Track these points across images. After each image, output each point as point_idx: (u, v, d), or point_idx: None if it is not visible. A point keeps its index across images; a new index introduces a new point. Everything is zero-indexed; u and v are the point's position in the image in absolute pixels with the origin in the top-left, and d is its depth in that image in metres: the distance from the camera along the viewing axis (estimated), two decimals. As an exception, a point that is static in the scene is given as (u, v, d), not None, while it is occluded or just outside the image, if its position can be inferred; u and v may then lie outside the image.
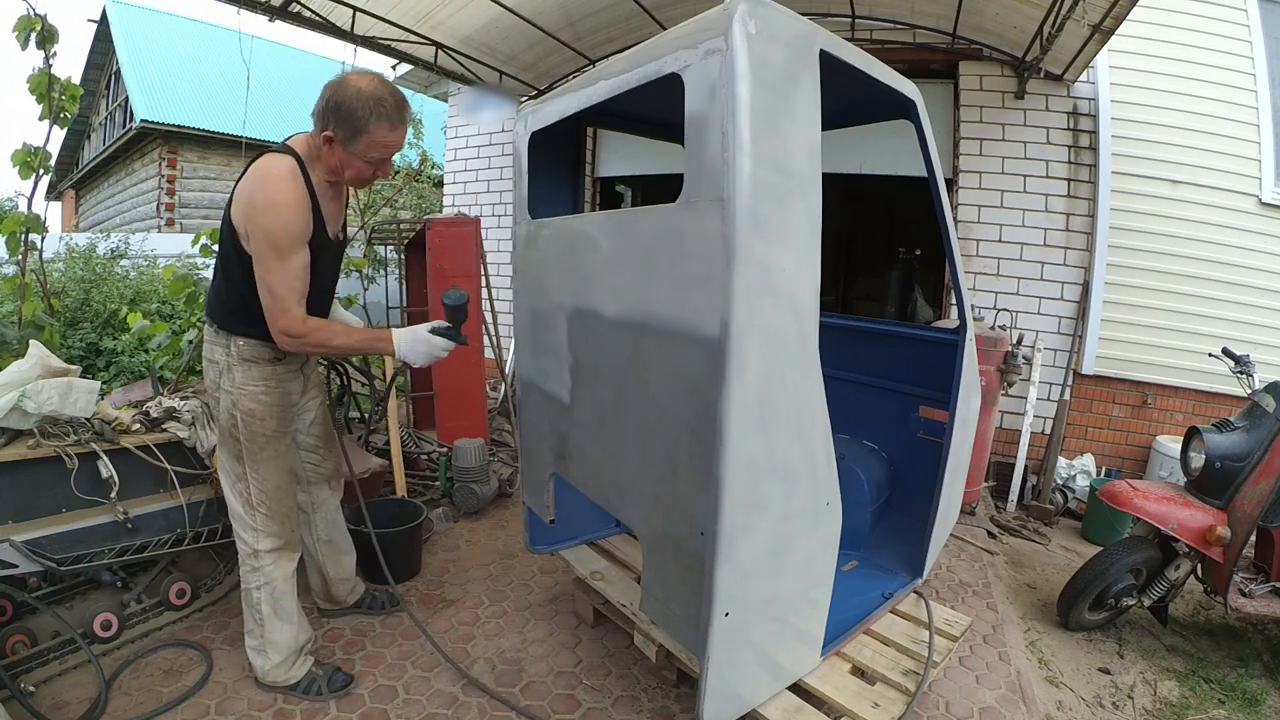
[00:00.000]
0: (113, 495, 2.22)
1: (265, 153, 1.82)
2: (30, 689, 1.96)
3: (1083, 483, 4.21)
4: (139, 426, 2.36)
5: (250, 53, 4.73)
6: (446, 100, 6.78)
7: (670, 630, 1.74)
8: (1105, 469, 4.42)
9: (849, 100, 2.21)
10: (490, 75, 5.47)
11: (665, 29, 1.95)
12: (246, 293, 1.81)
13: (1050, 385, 4.41)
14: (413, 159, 8.60)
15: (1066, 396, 4.39)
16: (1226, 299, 4.13)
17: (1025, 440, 4.30)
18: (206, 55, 13.37)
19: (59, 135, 10.79)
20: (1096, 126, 4.22)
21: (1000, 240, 4.43)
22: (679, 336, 1.52)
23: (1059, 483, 4.30)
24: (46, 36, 2.84)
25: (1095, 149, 4.23)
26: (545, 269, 2.12)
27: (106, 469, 2.21)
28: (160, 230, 11.10)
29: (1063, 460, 4.34)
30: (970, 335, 2.35)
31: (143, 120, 11.30)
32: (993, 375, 3.72)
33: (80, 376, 2.29)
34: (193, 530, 2.43)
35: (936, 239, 2.39)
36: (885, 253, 7.65)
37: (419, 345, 1.93)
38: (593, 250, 1.86)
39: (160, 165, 11.98)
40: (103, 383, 3.88)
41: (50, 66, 2.89)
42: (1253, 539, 2.59)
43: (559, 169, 2.67)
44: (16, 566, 1.99)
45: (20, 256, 2.96)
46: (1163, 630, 2.87)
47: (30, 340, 2.29)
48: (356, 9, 4.12)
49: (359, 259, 5.79)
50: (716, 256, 1.39)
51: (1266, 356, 3.76)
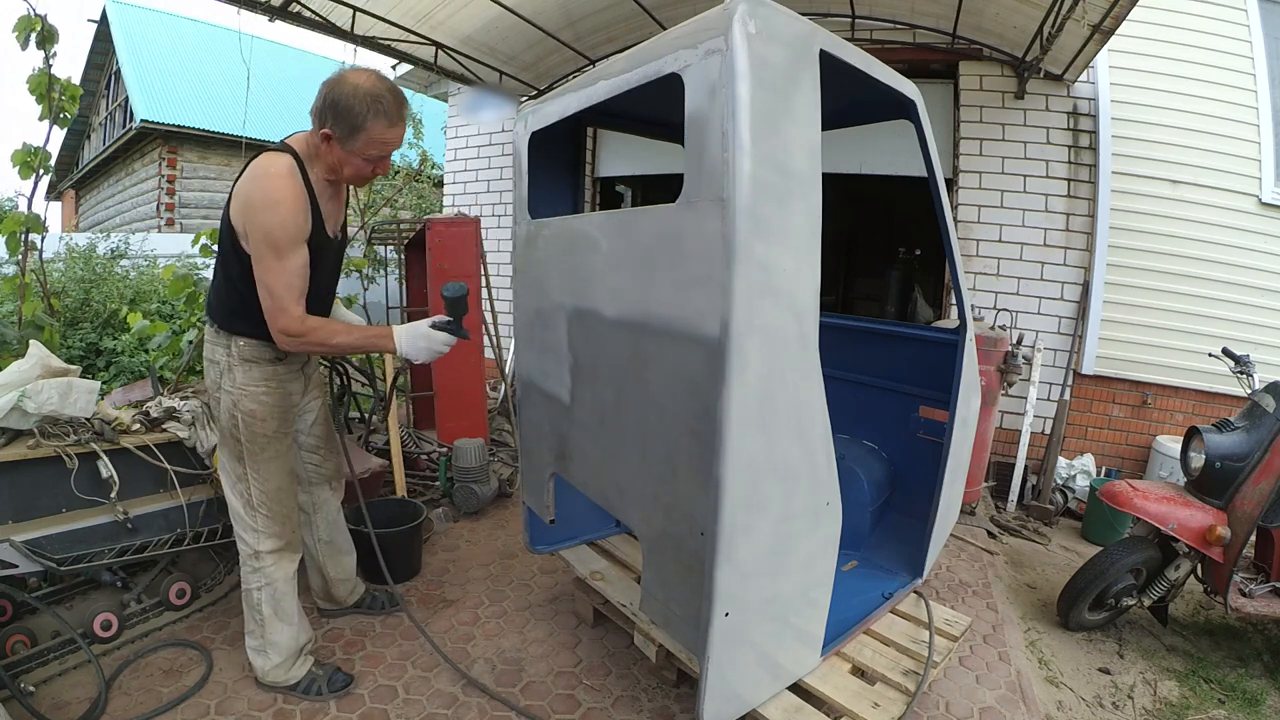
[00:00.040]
0: (113, 495, 2.22)
1: (263, 152, 1.80)
2: (30, 689, 1.96)
3: (1083, 483, 4.21)
4: (139, 426, 2.36)
5: (250, 53, 4.74)
6: (446, 100, 6.79)
7: (670, 630, 1.74)
8: (1105, 469, 4.42)
9: (849, 100, 2.21)
10: (490, 75, 5.47)
11: (665, 29, 1.95)
12: (246, 292, 1.81)
13: (1050, 385, 4.41)
14: (413, 159, 8.60)
15: (1066, 396, 4.40)
16: (1226, 299, 4.14)
17: (1025, 440, 4.30)
18: (206, 55, 13.38)
19: (59, 135, 10.80)
20: (1096, 126, 4.22)
21: (1000, 240, 4.44)
22: (679, 336, 1.52)
23: (1059, 483, 4.30)
24: (46, 37, 2.84)
25: (1095, 149, 4.23)
26: (545, 269, 2.12)
27: (106, 469, 2.21)
28: (160, 230, 11.10)
29: (1063, 460, 4.34)
30: (970, 335, 2.35)
31: (143, 120, 11.31)
32: (993, 375, 3.72)
33: (80, 376, 2.29)
34: (193, 530, 2.43)
35: (936, 239, 2.39)
36: (885, 253, 7.65)
37: (420, 341, 1.91)
38: (593, 250, 1.85)
39: (160, 165, 11.99)
40: (103, 383, 3.88)
41: (50, 66, 2.88)
42: (1253, 539, 2.59)
43: (559, 169, 2.67)
44: (16, 566, 1.99)
45: (20, 256, 2.96)
46: (1163, 630, 2.87)
47: (30, 340, 2.29)
48: (356, 9, 4.12)
49: (359, 259, 5.79)
50: (716, 256, 1.39)
51: (1266, 356, 3.76)
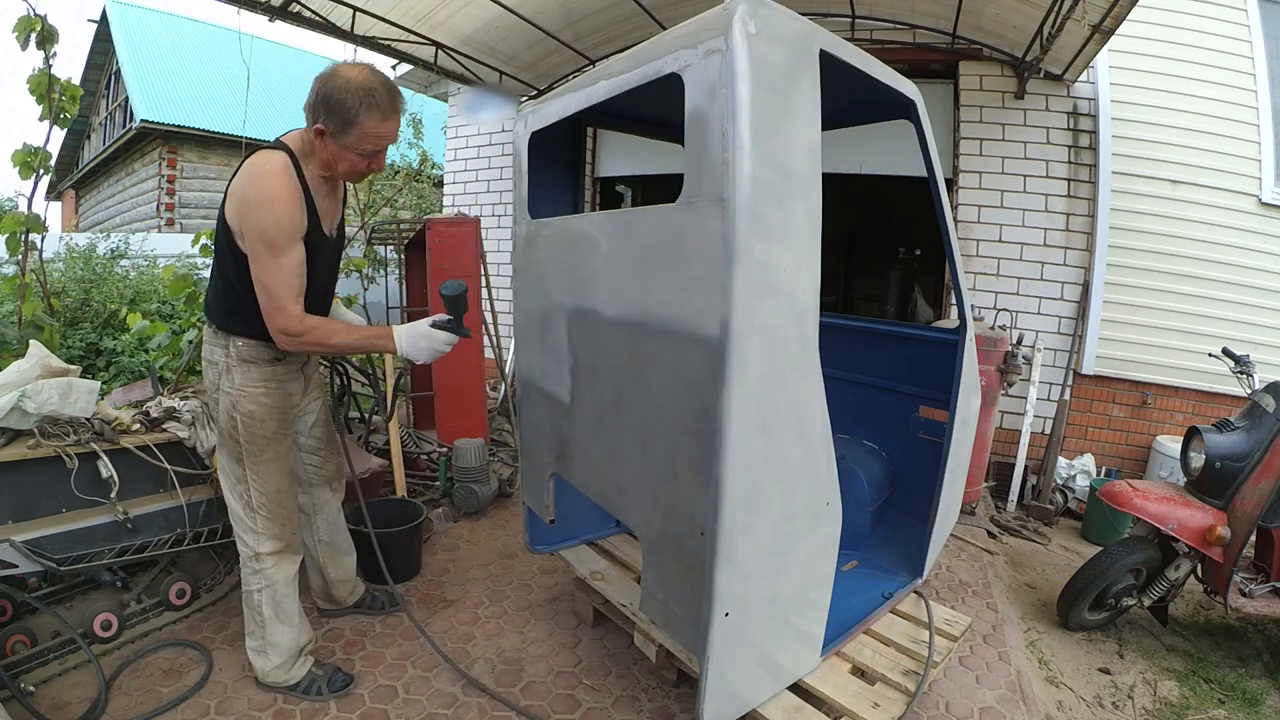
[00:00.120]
0: (113, 495, 2.22)
1: (259, 150, 1.79)
2: (30, 689, 1.96)
3: (1083, 483, 4.21)
4: (139, 426, 2.36)
5: (250, 53, 4.74)
6: (446, 100, 6.79)
7: (670, 630, 1.74)
8: (1105, 469, 4.42)
9: (849, 100, 2.21)
10: (490, 75, 5.47)
11: (665, 29, 1.95)
12: (244, 292, 1.79)
13: (1050, 385, 4.41)
14: (413, 159, 8.60)
15: (1066, 396, 4.39)
16: (1226, 299, 4.14)
17: (1025, 440, 4.30)
18: (206, 55, 13.38)
19: (59, 135, 10.81)
20: (1096, 126, 4.22)
21: (1000, 240, 4.44)
22: (679, 336, 1.52)
23: (1059, 483, 4.29)
24: (46, 37, 2.84)
25: (1095, 149, 4.23)
26: (545, 269, 2.12)
27: (106, 469, 2.21)
28: (160, 230, 11.10)
29: (1063, 460, 4.34)
30: (970, 335, 2.35)
31: (143, 120, 11.31)
32: (993, 375, 3.72)
33: (80, 376, 2.29)
34: (193, 530, 2.43)
35: (936, 239, 2.39)
36: (885, 253, 7.65)
37: (421, 341, 1.90)
38: (593, 250, 1.85)
39: (160, 165, 11.99)
40: (103, 383, 3.87)
41: (50, 67, 2.88)
42: (1253, 539, 2.59)
43: (559, 169, 2.67)
44: (16, 566, 1.99)
45: (20, 256, 2.96)
46: (1163, 630, 2.87)
47: (30, 340, 2.29)
48: (356, 9, 4.12)
49: (359, 259, 5.79)
50: (716, 256, 1.39)
51: (1266, 356, 3.76)
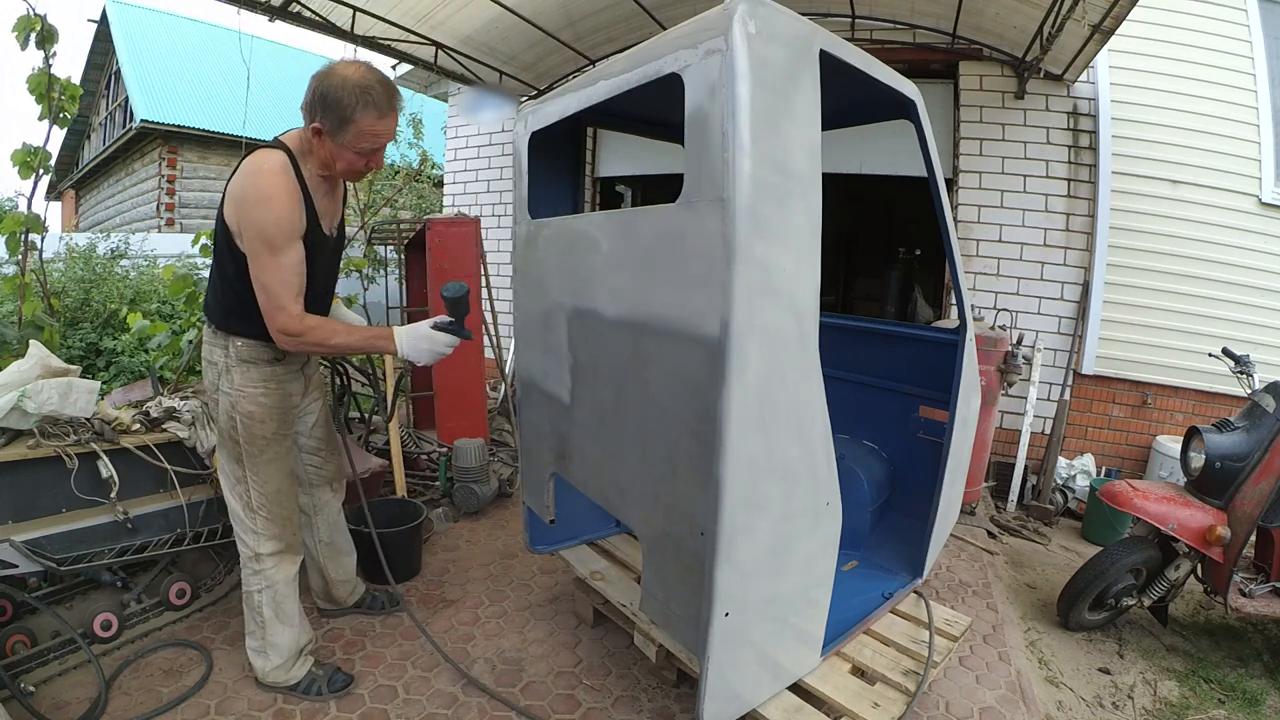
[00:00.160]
0: (113, 495, 2.22)
1: (257, 149, 1.79)
2: (30, 689, 1.96)
3: (1083, 483, 4.21)
4: (139, 426, 2.36)
5: (250, 53, 4.73)
6: (446, 100, 6.79)
7: (670, 630, 1.74)
8: (1105, 469, 4.42)
9: (849, 100, 2.21)
10: (490, 75, 5.47)
11: (665, 29, 1.95)
12: (243, 291, 1.79)
13: (1050, 385, 4.41)
14: (413, 159, 8.61)
15: (1066, 396, 4.39)
16: (1226, 299, 4.14)
17: (1025, 440, 4.30)
18: (206, 55, 13.38)
19: (59, 135, 10.80)
20: (1096, 126, 4.22)
21: (1000, 240, 4.44)
22: (679, 336, 1.52)
23: (1059, 483, 4.29)
24: (46, 37, 2.84)
25: (1095, 149, 4.23)
26: (545, 269, 2.12)
27: (106, 469, 2.21)
28: (160, 230, 11.11)
29: (1063, 460, 4.34)
30: (970, 335, 2.35)
31: (143, 120, 11.31)
32: (993, 375, 3.72)
33: (80, 376, 2.29)
34: (193, 530, 2.43)
35: (936, 239, 2.39)
36: (885, 253, 7.65)
37: (422, 343, 1.89)
38: (593, 250, 1.85)
39: (160, 165, 12.00)
40: (103, 383, 3.87)
41: (50, 66, 2.88)
42: (1253, 539, 2.59)
43: (559, 169, 2.67)
44: (16, 566, 1.99)
45: (20, 256, 2.96)
46: (1163, 630, 2.87)
47: (30, 340, 2.29)
48: (356, 9, 4.12)
49: (359, 259, 5.79)
50: (716, 256, 1.39)
51: (1266, 356, 3.76)
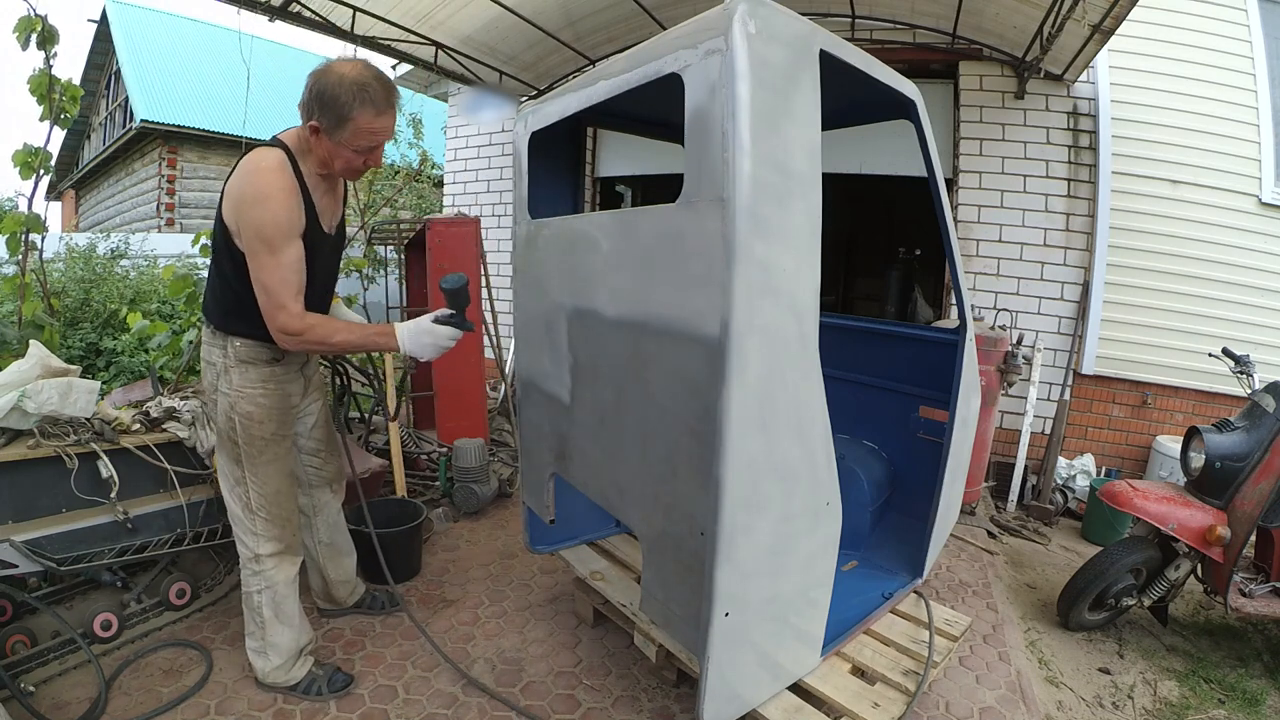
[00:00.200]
0: (113, 495, 2.22)
1: (255, 148, 1.78)
2: (30, 689, 1.96)
3: (1083, 483, 4.21)
4: (139, 426, 2.36)
5: (250, 53, 4.73)
6: (446, 100, 6.79)
7: (670, 630, 1.74)
8: (1105, 469, 4.42)
9: (849, 100, 2.21)
10: (490, 75, 5.47)
11: (665, 29, 1.95)
12: (241, 291, 1.78)
13: (1050, 385, 4.41)
14: (413, 159, 8.61)
15: (1066, 396, 4.39)
16: (1226, 299, 4.13)
17: (1025, 440, 4.30)
18: (206, 55, 13.38)
19: (59, 135, 10.80)
20: (1096, 126, 4.22)
21: (1000, 240, 4.43)
22: (679, 336, 1.52)
23: (1059, 483, 4.29)
24: (47, 37, 2.84)
25: (1095, 149, 4.23)
26: (545, 269, 2.12)
27: (106, 469, 2.21)
28: (160, 230, 11.11)
29: (1063, 460, 4.34)
30: (970, 335, 2.35)
31: (143, 120, 11.32)
32: (993, 375, 3.72)
33: (80, 376, 2.29)
34: (193, 530, 2.43)
35: (936, 239, 2.39)
36: (885, 253, 7.66)
37: (424, 337, 1.88)
38: (593, 250, 1.85)
39: (160, 165, 12.00)
40: (103, 383, 3.87)
41: (51, 67, 2.89)
42: (1253, 539, 2.59)
43: (559, 169, 2.67)
44: (16, 566, 1.99)
45: (20, 256, 2.96)
46: (1163, 630, 2.87)
47: (30, 340, 2.29)
48: (356, 9, 4.12)
49: (359, 259, 5.79)
50: (716, 256, 1.39)
51: (1266, 356, 3.76)
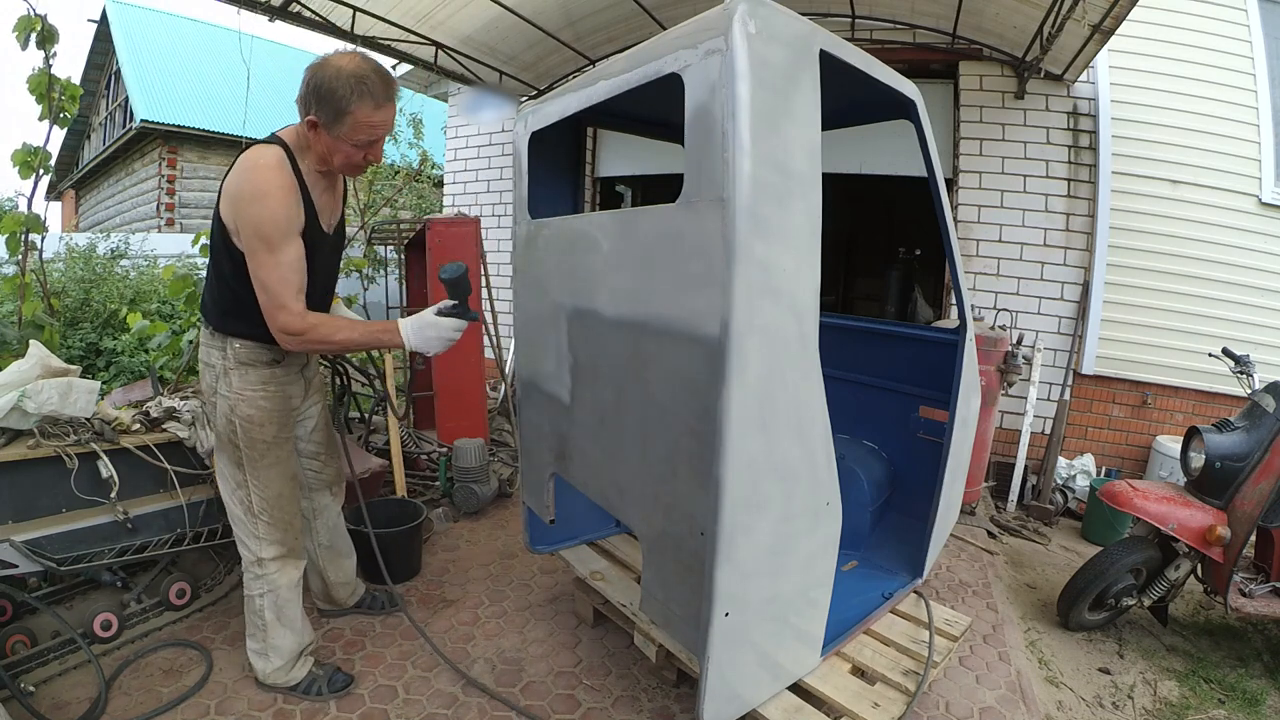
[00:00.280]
0: (113, 495, 2.22)
1: (253, 145, 1.76)
2: (30, 689, 1.96)
3: (1083, 483, 4.21)
4: (139, 426, 2.36)
5: (250, 53, 4.73)
6: (446, 100, 6.79)
7: (670, 630, 1.74)
8: (1105, 469, 4.42)
9: (849, 100, 2.21)
10: (490, 75, 5.47)
11: (665, 29, 1.95)
12: (240, 291, 1.76)
13: (1050, 385, 4.41)
14: (413, 159, 8.60)
15: (1066, 396, 4.39)
16: (1226, 299, 4.13)
17: (1025, 440, 4.30)
18: (206, 55, 13.38)
19: (59, 135, 10.80)
20: (1096, 126, 4.22)
21: (1000, 240, 4.43)
22: (679, 336, 1.52)
23: (1059, 483, 4.29)
24: (46, 37, 2.84)
25: (1095, 149, 4.23)
26: (545, 269, 2.12)
27: (106, 469, 2.21)
28: (160, 230, 11.11)
29: (1063, 460, 4.34)
30: (970, 335, 2.35)
31: (143, 120, 11.31)
32: (993, 375, 3.72)
33: (80, 376, 2.29)
34: (193, 530, 2.43)
35: (936, 239, 2.39)
36: (885, 253, 7.65)
37: (429, 331, 1.85)
38: (593, 250, 1.85)
39: (160, 165, 12.00)
40: (103, 383, 3.88)
41: (50, 67, 2.88)
42: (1253, 539, 2.59)
43: (559, 169, 2.67)
44: (16, 566, 1.99)
45: (20, 256, 2.96)
46: (1163, 630, 2.87)
47: (30, 340, 2.29)
48: (356, 9, 4.12)
49: (359, 259, 5.79)
50: (716, 256, 1.39)
51: (1266, 356, 3.76)
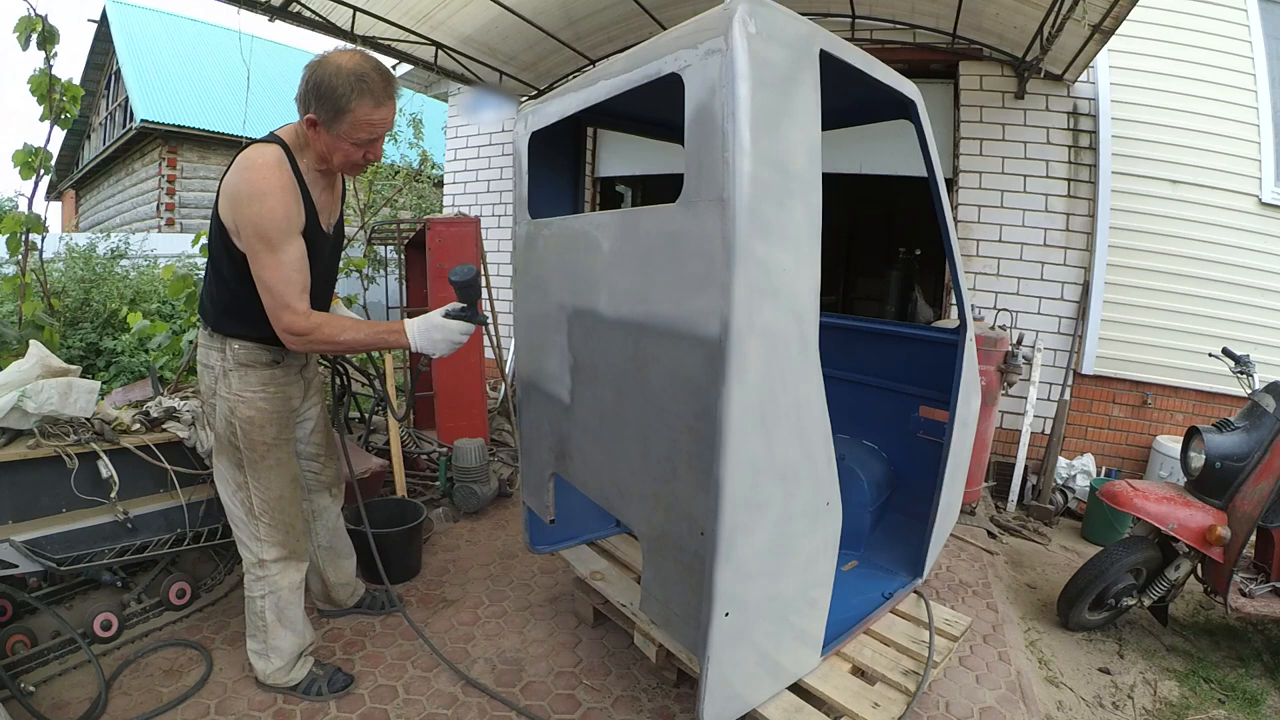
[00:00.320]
0: (113, 495, 2.21)
1: (251, 144, 1.74)
2: (30, 689, 1.96)
3: (1083, 483, 4.21)
4: (139, 426, 2.36)
5: (250, 53, 4.73)
6: (446, 100, 6.78)
7: (670, 630, 1.74)
8: (1105, 469, 4.42)
9: (849, 100, 2.21)
10: (490, 75, 5.47)
11: (665, 29, 1.95)
12: (240, 291, 1.76)
13: (1050, 385, 4.41)
14: (413, 159, 8.60)
15: (1066, 396, 4.39)
16: (1226, 299, 4.13)
17: (1025, 440, 4.30)
18: (206, 55, 13.39)
19: (59, 135, 10.80)
20: (1096, 126, 4.22)
21: (1000, 240, 4.43)
22: (679, 336, 1.52)
23: (1059, 483, 4.29)
24: (47, 37, 2.84)
25: (1095, 149, 4.23)
26: (545, 269, 2.12)
27: (106, 469, 2.21)
28: (160, 230, 11.11)
29: (1063, 460, 4.34)
30: (970, 335, 2.35)
31: (143, 120, 11.31)
32: (993, 375, 3.72)
33: (80, 376, 2.28)
34: (193, 530, 2.42)
35: (936, 239, 2.39)
36: (885, 253, 7.66)
37: (435, 333, 1.82)
38: (593, 250, 1.85)
39: (160, 165, 12.00)
40: (103, 383, 3.88)
41: (51, 67, 2.89)
42: (1253, 539, 2.59)
43: (559, 169, 2.67)
44: (16, 566, 1.99)
45: (20, 256, 2.96)
46: (1163, 630, 2.87)
47: (30, 340, 2.29)
48: (356, 9, 4.12)
49: (359, 259, 5.79)
50: (716, 256, 1.39)
51: (1266, 356, 3.76)
